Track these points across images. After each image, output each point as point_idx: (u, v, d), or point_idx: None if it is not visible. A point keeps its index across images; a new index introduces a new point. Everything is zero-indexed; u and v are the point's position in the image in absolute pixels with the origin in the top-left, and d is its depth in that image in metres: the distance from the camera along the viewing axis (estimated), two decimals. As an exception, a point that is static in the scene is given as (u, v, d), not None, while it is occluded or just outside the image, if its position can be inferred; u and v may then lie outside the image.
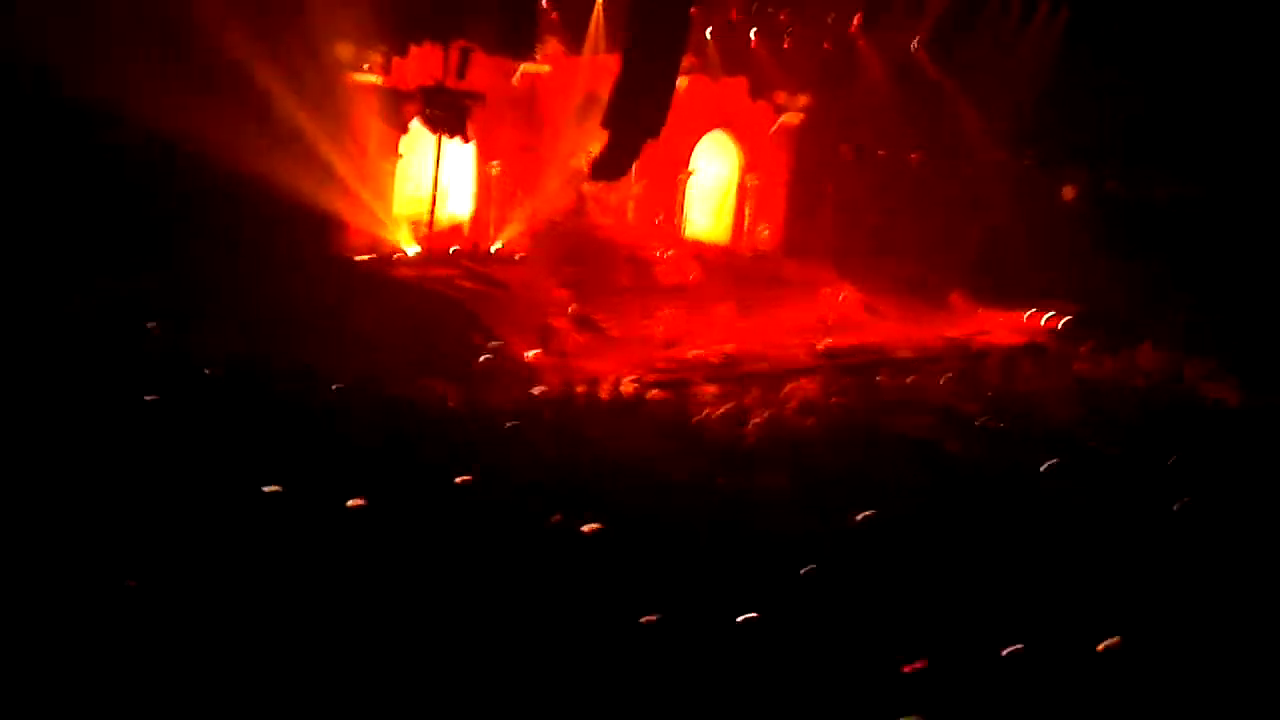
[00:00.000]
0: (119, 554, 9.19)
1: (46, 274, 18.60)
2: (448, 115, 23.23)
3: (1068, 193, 33.39)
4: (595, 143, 26.46)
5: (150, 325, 17.62)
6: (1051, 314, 28.80)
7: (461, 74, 23.17)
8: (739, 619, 9.68)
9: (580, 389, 18.71)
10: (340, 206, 24.04)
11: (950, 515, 12.58)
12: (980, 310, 28.97)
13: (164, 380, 14.49)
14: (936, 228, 32.32)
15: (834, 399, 19.51)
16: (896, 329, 27.03)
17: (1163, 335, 25.35)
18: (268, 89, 22.10)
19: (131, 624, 8.35)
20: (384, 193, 25.03)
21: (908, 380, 21.78)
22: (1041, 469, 15.31)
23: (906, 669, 9.17)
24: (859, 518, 12.26)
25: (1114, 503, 13.77)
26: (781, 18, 31.88)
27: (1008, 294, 29.51)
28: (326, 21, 23.22)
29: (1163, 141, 30.42)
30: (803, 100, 31.14)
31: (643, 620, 9.43)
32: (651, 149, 26.29)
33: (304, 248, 23.14)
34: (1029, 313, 29.09)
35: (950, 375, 22.38)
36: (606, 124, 24.29)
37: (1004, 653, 9.53)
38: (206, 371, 15.57)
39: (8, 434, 11.38)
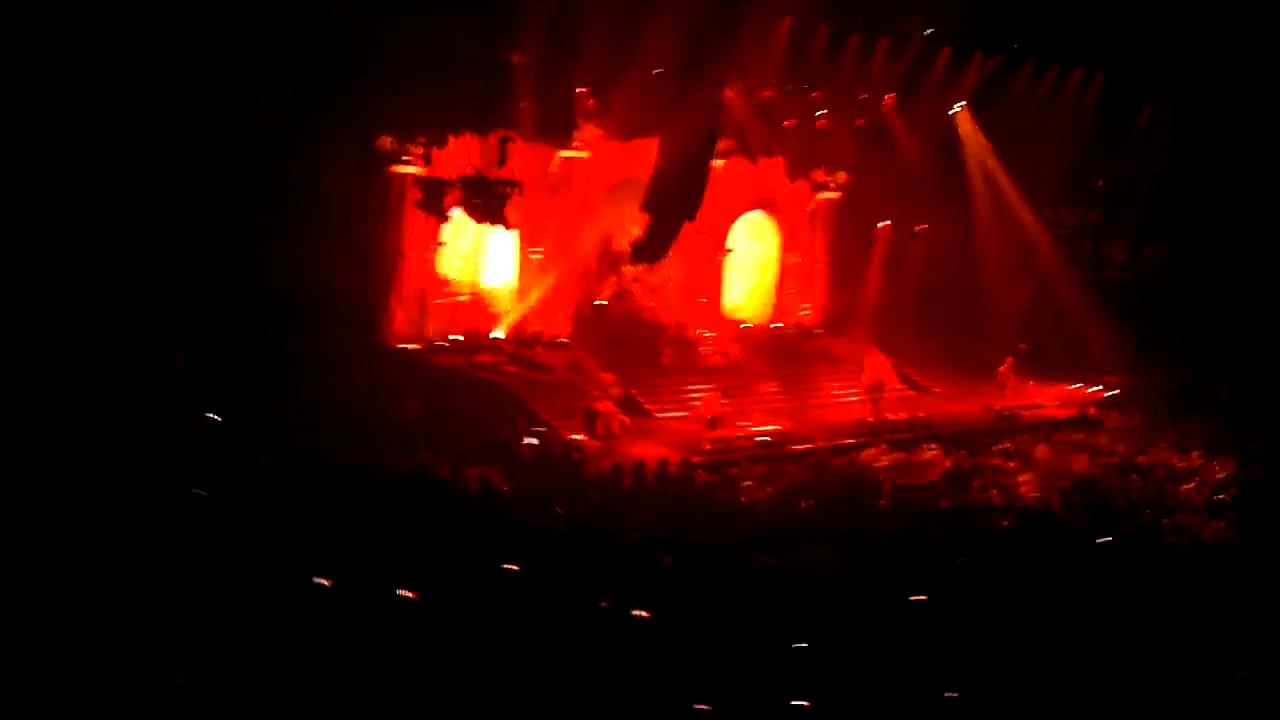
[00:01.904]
0: (168, 648, 9.20)
1: (132, 345, 19.93)
2: (488, 203, 23.60)
3: (1108, 260, 33.28)
4: (635, 225, 26.78)
5: (206, 418, 17.97)
6: (1100, 386, 28.50)
7: (501, 163, 23.56)
8: (791, 703, 9.54)
9: (626, 471, 18.70)
10: (384, 295, 24.39)
11: (1005, 596, 12.35)
12: (1027, 382, 28.73)
13: (217, 470, 14.65)
14: (980, 300, 32.22)
15: (882, 476, 19.36)
16: (943, 403, 26.88)
17: (1211, 406, 25.01)
18: (312, 182, 22.55)
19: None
20: (427, 281, 25.36)
21: (957, 454, 21.57)
22: (1097, 542, 15.05)
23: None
24: (911, 598, 12.06)
25: (1172, 578, 13.50)
26: (815, 97, 32.19)
27: (1054, 364, 29.25)
28: (368, 115, 23.76)
29: (1201, 204, 30.29)
30: (840, 177, 31.32)
31: (696, 707, 9.31)
32: (691, 230, 26.59)
33: (349, 335, 23.41)
34: (1077, 384, 28.81)
35: (1000, 450, 22.16)
36: (647, 207, 24.65)
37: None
38: (260, 461, 15.72)
39: (69, 520, 11.50)
